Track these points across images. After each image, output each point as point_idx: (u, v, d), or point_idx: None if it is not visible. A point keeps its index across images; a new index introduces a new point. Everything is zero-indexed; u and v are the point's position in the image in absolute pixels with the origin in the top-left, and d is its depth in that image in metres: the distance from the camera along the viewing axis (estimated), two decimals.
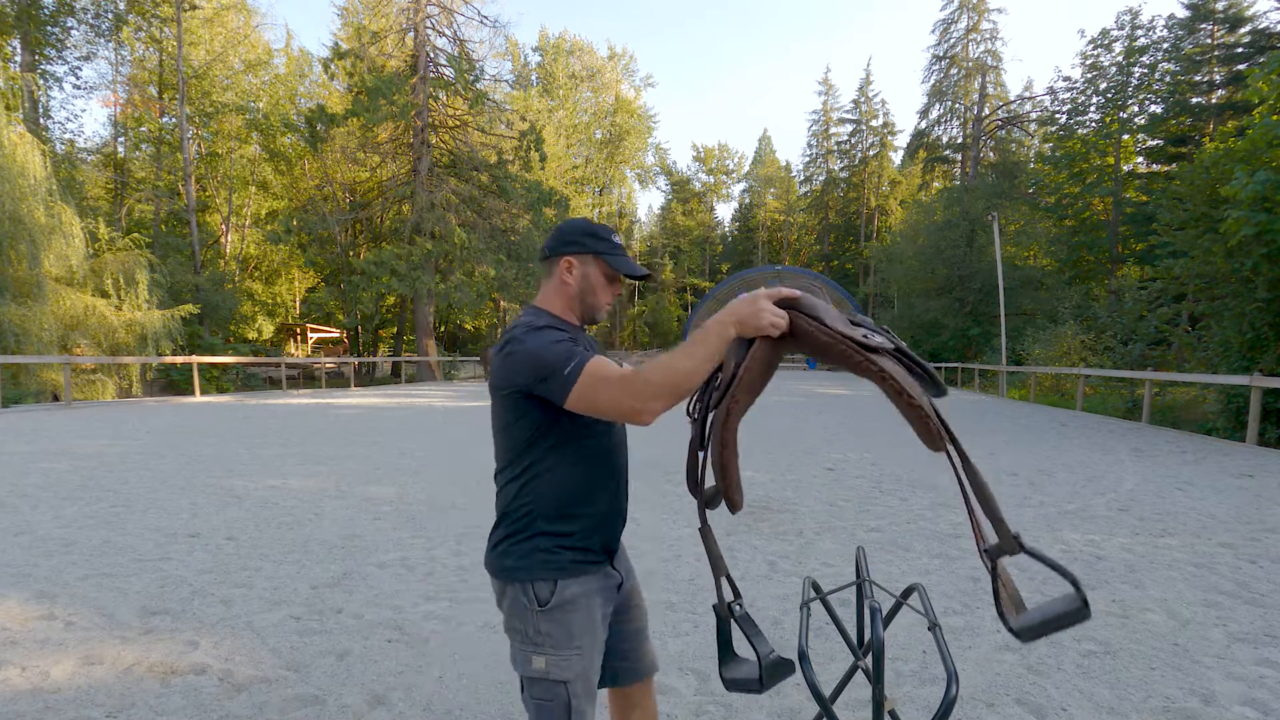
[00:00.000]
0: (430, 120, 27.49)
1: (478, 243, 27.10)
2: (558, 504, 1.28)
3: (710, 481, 1.18)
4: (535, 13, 79.78)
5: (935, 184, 49.22)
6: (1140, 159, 27.81)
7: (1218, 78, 26.15)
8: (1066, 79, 29.15)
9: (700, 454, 1.22)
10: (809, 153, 61.63)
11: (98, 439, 8.51)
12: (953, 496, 5.47)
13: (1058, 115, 28.82)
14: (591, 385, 1.16)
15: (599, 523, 1.33)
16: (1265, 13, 24.76)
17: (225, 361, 20.05)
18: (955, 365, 26.52)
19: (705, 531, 1.20)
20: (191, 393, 17.10)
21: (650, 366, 1.14)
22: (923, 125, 49.04)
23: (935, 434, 0.94)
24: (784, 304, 1.10)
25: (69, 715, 2.11)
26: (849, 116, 58.31)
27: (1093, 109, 26.32)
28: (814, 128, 60.64)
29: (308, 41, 78.51)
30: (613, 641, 1.41)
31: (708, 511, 1.21)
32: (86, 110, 69.45)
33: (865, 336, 1.01)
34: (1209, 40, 26.09)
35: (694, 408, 1.26)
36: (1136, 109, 25.68)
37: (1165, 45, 24.71)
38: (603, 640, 1.35)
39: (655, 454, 7.39)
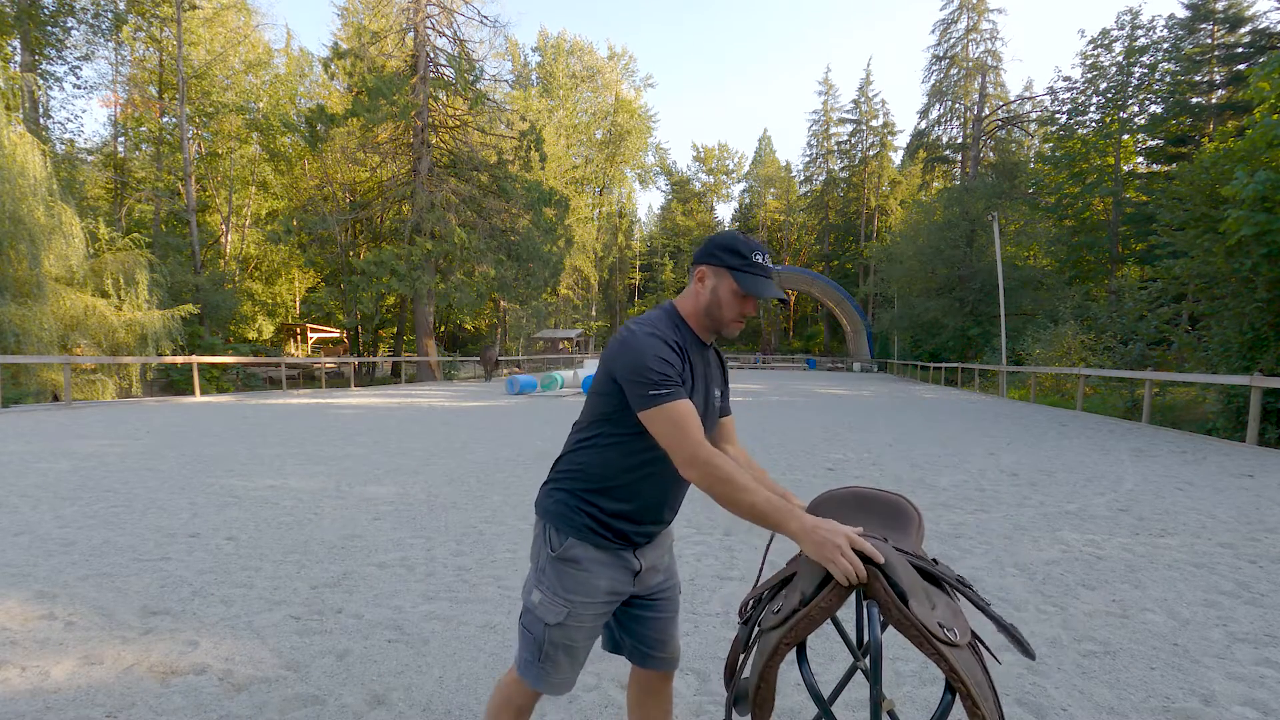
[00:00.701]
0: (430, 120, 27.48)
1: (478, 243, 27.10)
2: (598, 479, 1.39)
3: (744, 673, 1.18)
4: (535, 13, 79.82)
5: (935, 184, 49.25)
6: (1140, 159, 27.84)
7: (1218, 78, 26.18)
8: (1066, 79, 29.13)
9: (741, 655, 1.22)
10: (809, 153, 61.71)
11: (98, 439, 8.51)
12: (952, 497, 5.47)
13: (1058, 115, 28.82)
14: (662, 423, 1.26)
15: (627, 515, 1.40)
16: (1265, 13, 24.81)
17: (225, 361, 20.04)
18: (955, 365, 26.53)
19: None
20: (191, 393, 17.10)
21: (726, 466, 1.22)
22: (923, 125, 49.10)
23: None
24: (868, 561, 1.06)
25: (69, 715, 2.11)
26: (849, 116, 58.36)
27: (1093, 109, 26.33)
28: (814, 128, 60.72)
29: (308, 41, 78.56)
30: (636, 626, 1.51)
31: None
32: (87, 110, 69.51)
33: (943, 627, 0.99)
34: (1209, 40, 26.12)
35: (748, 609, 1.27)
36: (1136, 109, 25.70)
37: (1165, 45, 24.71)
38: (602, 611, 1.42)
39: None
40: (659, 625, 1.52)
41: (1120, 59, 25.08)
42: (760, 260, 1.38)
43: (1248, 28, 24.94)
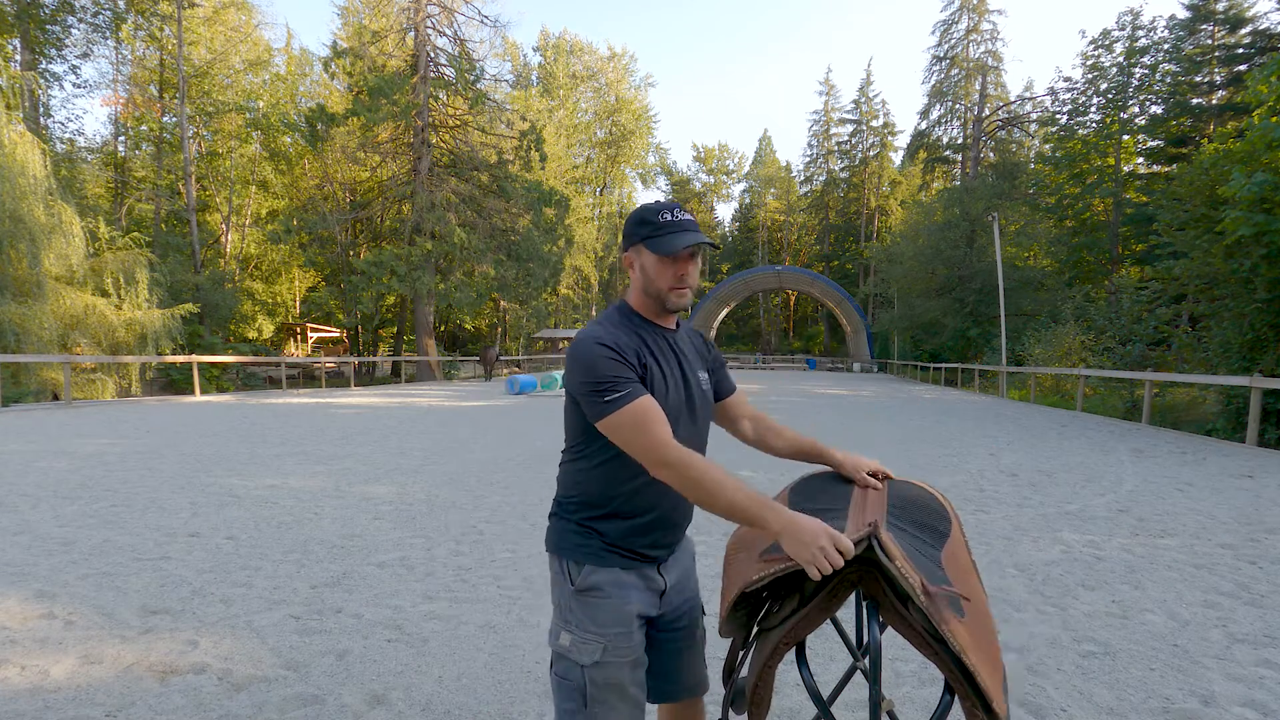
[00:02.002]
0: (430, 120, 27.49)
1: (478, 243, 27.10)
2: (601, 498, 1.29)
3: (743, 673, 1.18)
4: (535, 13, 79.90)
5: (935, 184, 49.26)
6: (1140, 160, 27.84)
7: (1218, 78, 26.17)
8: (1067, 79, 29.15)
9: (740, 655, 1.21)
10: (809, 153, 61.72)
11: (98, 438, 8.51)
12: (952, 497, 5.47)
13: (1058, 116, 28.83)
14: (621, 429, 1.18)
15: (640, 530, 1.30)
16: (1266, 14, 24.80)
17: (225, 361, 20.05)
18: (955, 366, 26.53)
19: None
20: (191, 392, 17.10)
21: (698, 465, 1.15)
22: (923, 125, 49.08)
23: None
24: (867, 562, 1.03)
25: (68, 714, 2.11)
26: (849, 117, 58.37)
27: (1093, 109, 26.35)
28: (814, 128, 60.74)
29: (308, 41, 78.53)
30: (652, 654, 1.36)
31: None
32: (88, 111, 69.45)
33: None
34: (1209, 41, 26.11)
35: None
36: (1137, 109, 25.71)
37: (1166, 46, 24.72)
38: (638, 639, 1.29)
39: None
40: (677, 654, 1.38)
41: (1121, 59, 25.10)
42: (670, 217, 1.28)
43: (1248, 29, 24.93)
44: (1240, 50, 24.95)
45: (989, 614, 1.07)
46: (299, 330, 34.17)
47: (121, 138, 27.46)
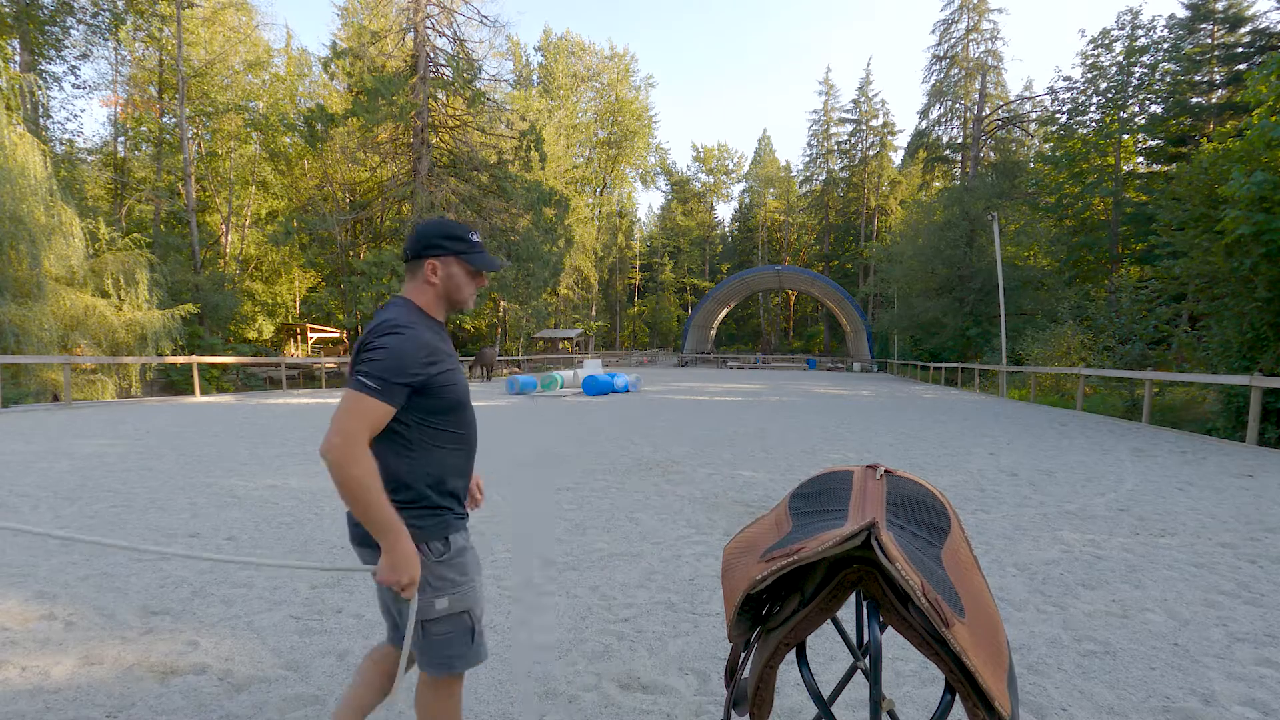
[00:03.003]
0: (430, 120, 27.49)
1: None
2: (441, 474, 1.51)
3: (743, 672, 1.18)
4: (536, 12, 79.88)
5: (935, 184, 49.23)
6: (1140, 159, 27.81)
7: (1218, 78, 26.19)
8: (1067, 79, 29.13)
9: (741, 656, 1.21)
10: (809, 152, 61.71)
11: (98, 439, 8.51)
12: (953, 497, 5.47)
13: (1058, 115, 28.80)
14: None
15: (464, 490, 1.60)
16: (1265, 13, 24.81)
17: (225, 361, 20.04)
18: (955, 365, 26.53)
19: None
20: (191, 393, 17.09)
21: (362, 460, 1.34)
22: (923, 125, 49.07)
23: None
24: (867, 563, 1.02)
25: (69, 715, 2.11)
26: (849, 116, 58.37)
27: (1093, 109, 26.31)
28: (814, 127, 60.73)
29: (308, 41, 78.51)
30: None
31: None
32: (87, 111, 69.61)
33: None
34: (1209, 40, 26.13)
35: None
36: (1137, 109, 25.68)
37: (1165, 45, 24.70)
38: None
39: (652, 455, 7.41)
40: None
41: (1120, 59, 25.07)
42: (477, 239, 1.54)
43: (1248, 28, 24.96)
44: (1240, 49, 24.96)
45: (993, 609, 1.07)
46: (299, 331, 34.14)
47: (121, 138, 27.43)
